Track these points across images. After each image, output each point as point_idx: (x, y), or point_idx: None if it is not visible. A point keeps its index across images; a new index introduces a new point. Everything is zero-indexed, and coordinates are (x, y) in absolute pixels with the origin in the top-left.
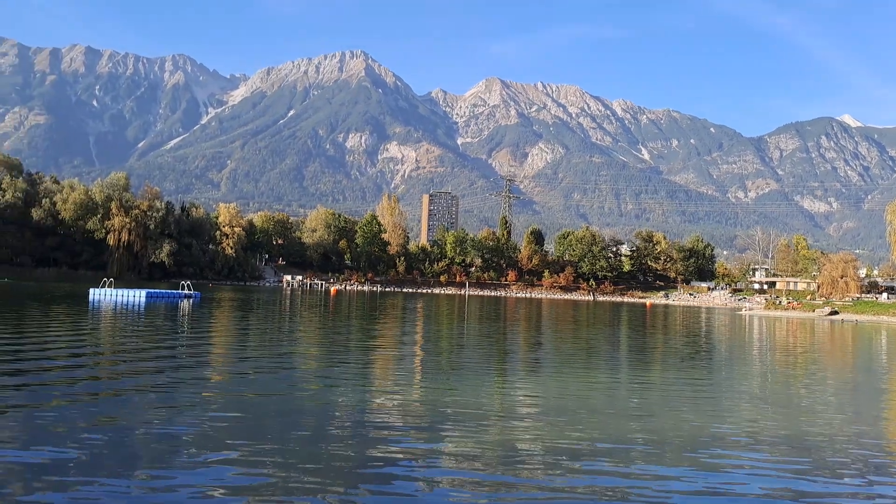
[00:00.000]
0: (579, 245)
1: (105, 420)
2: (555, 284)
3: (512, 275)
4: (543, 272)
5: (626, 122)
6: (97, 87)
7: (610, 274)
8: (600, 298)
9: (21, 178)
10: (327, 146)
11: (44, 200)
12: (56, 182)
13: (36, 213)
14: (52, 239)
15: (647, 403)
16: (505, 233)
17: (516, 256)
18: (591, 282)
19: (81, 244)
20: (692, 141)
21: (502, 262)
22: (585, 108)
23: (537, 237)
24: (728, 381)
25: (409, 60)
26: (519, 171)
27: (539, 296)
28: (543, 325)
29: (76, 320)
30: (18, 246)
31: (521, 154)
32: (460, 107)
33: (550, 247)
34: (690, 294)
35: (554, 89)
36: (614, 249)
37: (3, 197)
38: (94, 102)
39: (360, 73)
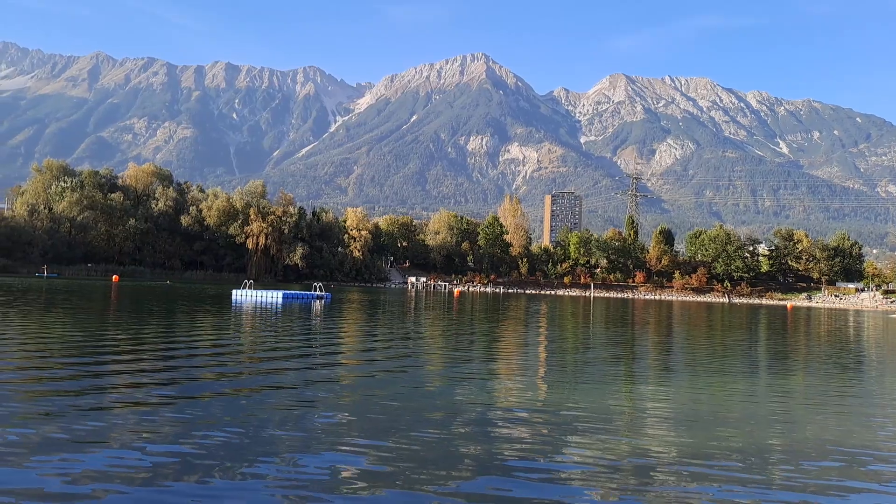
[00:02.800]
0: (712, 244)
1: (245, 414)
2: (686, 286)
3: (640, 276)
4: (674, 273)
5: (762, 114)
6: (236, 100)
7: (746, 275)
8: (736, 300)
9: (171, 188)
10: (449, 149)
11: (191, 208)
12: (202, 191)
13: (185, 220)
14: (199, 244)
15: (789, 412)
16: (632, 233)
17: (644, 257)
18: (726, 283)
19: (224, 248)
20: (836, 132)
21: (629, 262)
22: (717, 101)
23: (666, 237)
24: (880, 389)
25: (530, 61)
26: (646, 168)
27: (669, 298)
28: (674, 328)
29: (222, 320)
30: (170, 250)
31: (648, 151)
32: (583, 105)
33: (681, 247)
34: (836, 296)
35: (682, 83)
36: (751, 249)
37: (156, 205)
38: (234, 115)
39: (481, 76)
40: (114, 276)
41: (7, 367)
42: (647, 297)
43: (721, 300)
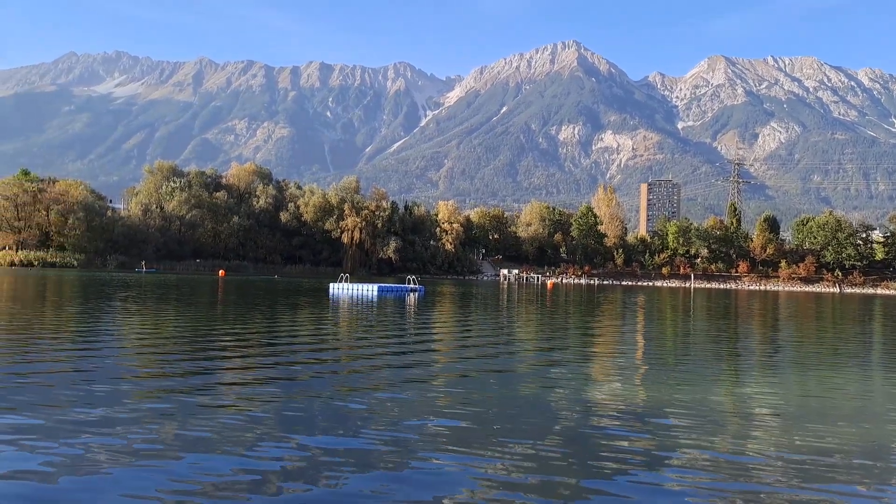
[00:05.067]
0: (821, 232)
1: (345, 389)
2: (793, 276)
3: (743, 266)
4: (780, 262)
5: (875, 92)
6: (330, 99)
7: (859, 263)
8: (848, 290)
9: (271, 186)
10: (540, 140)
11: (289, 205)
12: (299, 188)
13: (283, 216)
14: (298, 239)
15: None
16: (734, 220)
17: (748, 246)
18: (837, 272)
19: (321, 243)
20: None
21: (731, 252)
22: (824, 80)
23: (771, 224)
24: None
25: (623, 46)
26: (748, 153)
27: (775, 288)
28: (781, 320)
29: (321, 312)
30: (270, 245)
31: (751, 135)
32: (680, 89)
33: (787, 235)
34: None
35: (787, 63)
36: (864, 236)
37: (257, 203)
38: (328, 113)
39: (573, 64)
40: (220, 271)
41: (130, 352)
42: (751, 287)
43: (831, 290)
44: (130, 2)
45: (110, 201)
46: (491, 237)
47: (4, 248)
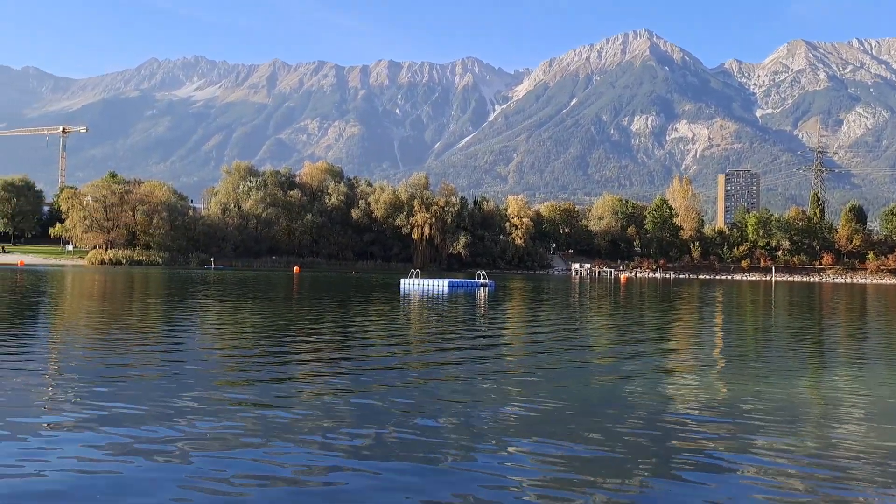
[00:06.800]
0: None
1: (416, 385)
2: (882, 268)
3: (827, 258)
4: (867, 254)
5: None
6: (399, 96)
7: None
8: None
9: (342, 183)
10: (611, 131)
11: (360, 202)
12: (369, 185)
13: (355, 213)
14: (369, 235)
15: None
16: (817, 211)
17: (832, 237)
18: None
19: (392, 239)
20: None
21: (815, 243)
22: None
23: (858, 214)
24: None
25: (697, 33)
26: (831, 140)
27: (862, 281)
28: (869, 315)
29: (392, 307)
30: (342, 242)
31: (834, 122)
32: (758, 76)
33: (874, 225)
34: None
35: (873, 45)
36: None
37: (329, 200)
38: (397, 111)
39: (645, 53)
40: (295, 268)
41: (212, 346)
42: (835, 280)
43: None
44: (207, 8)
45: (191, 201)
46: (561, 231)
47: (95, 247)
